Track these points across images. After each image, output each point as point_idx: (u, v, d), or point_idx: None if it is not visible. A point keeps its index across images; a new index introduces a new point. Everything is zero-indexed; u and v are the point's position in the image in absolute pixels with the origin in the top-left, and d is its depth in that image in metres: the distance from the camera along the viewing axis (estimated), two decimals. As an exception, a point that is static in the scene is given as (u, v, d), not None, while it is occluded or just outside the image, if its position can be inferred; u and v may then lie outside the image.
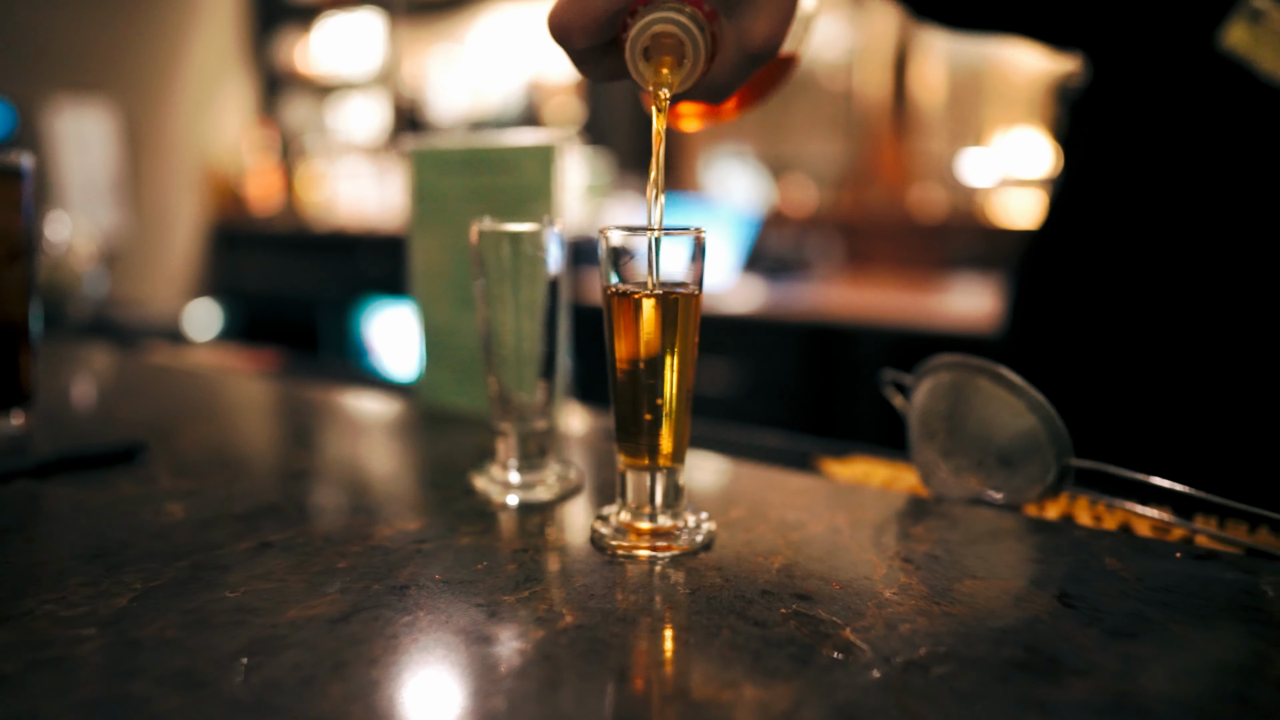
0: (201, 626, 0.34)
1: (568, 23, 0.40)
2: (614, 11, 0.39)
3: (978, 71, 2.92)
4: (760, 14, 0.40)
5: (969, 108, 2.98)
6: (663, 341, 0.41)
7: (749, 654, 0.33)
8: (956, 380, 0.49)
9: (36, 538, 0.44)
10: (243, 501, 0.48)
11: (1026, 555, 0.42)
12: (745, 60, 0.41)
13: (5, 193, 0.59)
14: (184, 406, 0.71)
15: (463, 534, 0.44)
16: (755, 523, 0.46)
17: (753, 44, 0.41)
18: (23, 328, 0.61)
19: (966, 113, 2.98)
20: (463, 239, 0.68)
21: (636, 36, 0.39)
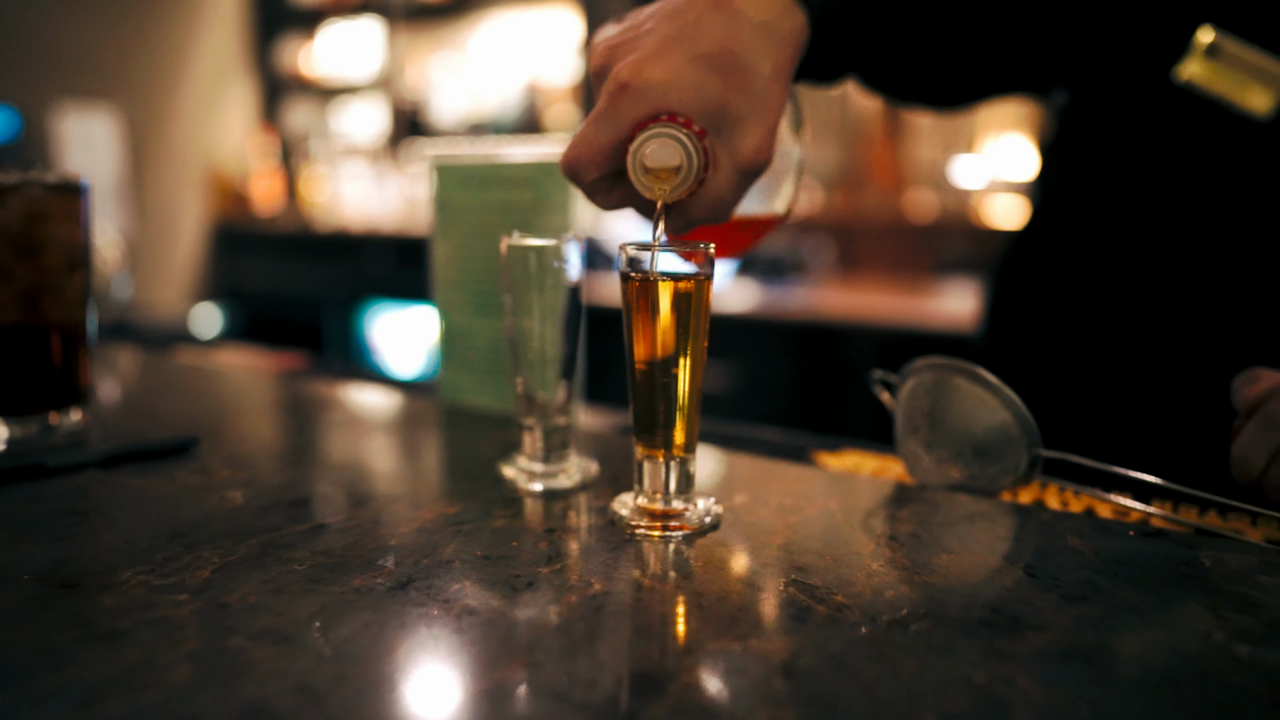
0: (278, 593, 0.40)
1: (576, 159, 0.47)
2: (616, 143, 0.46)
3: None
4: (747, 133, 0.47)
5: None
6: (676, 333, 0.46)
7: (753, 614, 0.38)
8: (937, 379, 0.54)
9: (117, 520, 0.49)
10: (294, 490, 0.54)
11: (998, 534, 0.48)
12: (739, 175, 0.48)
13: (67, 208, 0.64)
14: (224, 404, 0.76)
15: (497, 517, 0.49)
16: (757, 507, 0.51)
17: (743, 159, 0.47)
18: (81, 332, 0.66)
19: (958, 118, 3.03)
20: (482, 249, 0.74)
21: (637, 150, 0.46)
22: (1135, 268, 0.76)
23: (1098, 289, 0.79)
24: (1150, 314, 0.76)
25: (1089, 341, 0.80)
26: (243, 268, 4.12)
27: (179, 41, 3.92)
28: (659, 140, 0.45)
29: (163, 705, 0.31)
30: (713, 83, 0.46)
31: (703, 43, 0.46)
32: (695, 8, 0.48)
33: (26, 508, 0.50)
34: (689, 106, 0.46)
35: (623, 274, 0.47)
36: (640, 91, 0.45)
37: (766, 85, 0.48)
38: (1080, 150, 0.83)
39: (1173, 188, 0.74)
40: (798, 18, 0.50)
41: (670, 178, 0.46)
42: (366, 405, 0.77)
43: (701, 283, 0.46)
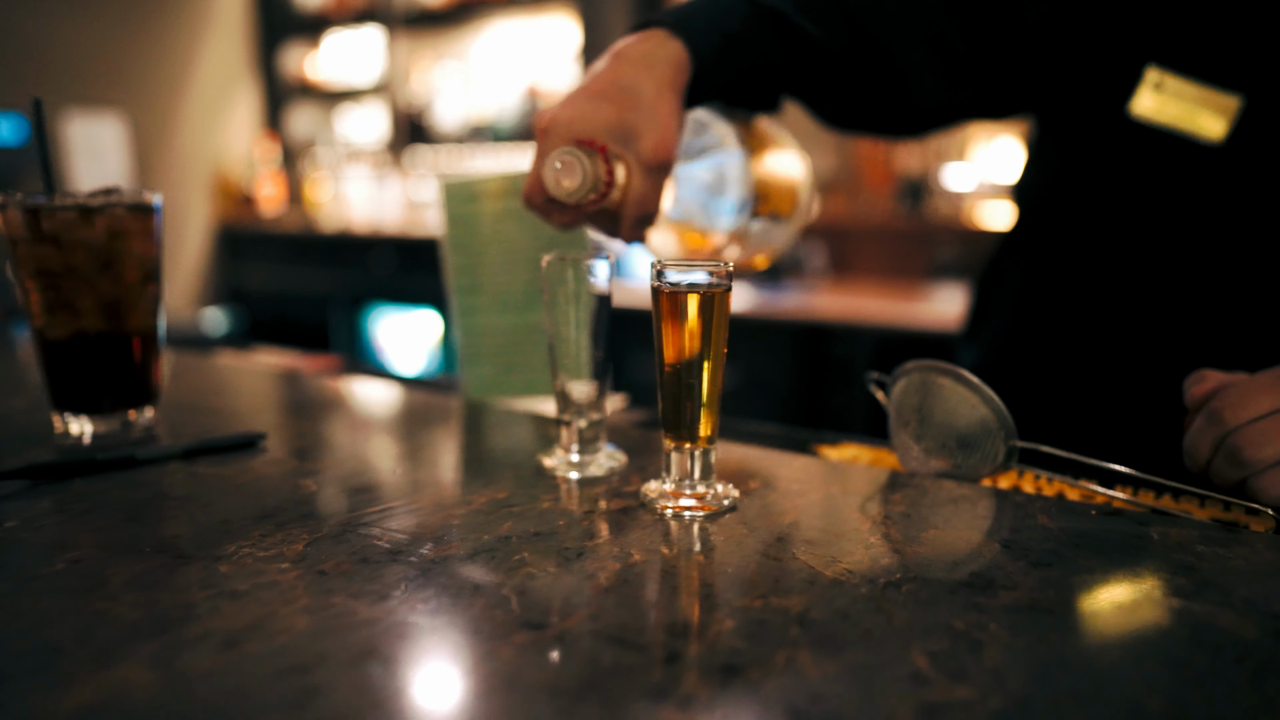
0: (366, 563, 0.47)
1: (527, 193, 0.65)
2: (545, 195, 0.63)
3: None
4: (644, 138, 0.62)
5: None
6: (700, 338, 0.54)
7: (771, 578, 0.45)
8: (925, 379, 0.61)
9: (211, 504, 0.56)
10: (359, 479, 0.61)
11: (978, 514, 0.55)
12: (649, 173, 0.62)
13: (142, 225, 0.71)
14: (276, 403, 0.83)
15: (542, 500, 0.57)
16: (768, 492, 0.58)
17: (646, 158, 0.62)
18: (154, 338, 0.73)
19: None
20: (498, 255, 0.81)
21: (545, 170, 0.60)
22: (1101, 277, 0.84)
23: (1067, 295, 0.87)
24: (1114, 318, 0.83)
25: (1061, 340, 0.88)
26: (247, 271, 4.18)
27: (184, 48, 3.98)
28: (558, 156, 0.59)
29: (292, 645, 0.38)
30: (606, 108, 0.61)
31: (596, 84, 0.62)
32: (595, 65, 0.64)
33: (128, 493, 0.57)
34: (594, 131, 0.61)
35: (653, 287, 0.54)
36: (554, 129, 0.62)
37: (653, 100, 0.62)
38: (1051, 169, 0.91)
39: (1135, 207, 0.82)
40: (672, 47, 0.65)
41: (574, 180, 0.59)
42: (401, 402, 0.84)
43: (722, 294, 0.54)
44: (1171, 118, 0.75)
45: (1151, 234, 0.81)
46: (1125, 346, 0.84)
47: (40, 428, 0.73)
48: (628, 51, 0.64)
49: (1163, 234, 0.81)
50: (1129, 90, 0.76)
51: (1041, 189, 0.92)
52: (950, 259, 3.03)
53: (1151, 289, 0.82)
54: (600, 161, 0.60)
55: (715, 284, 0.54)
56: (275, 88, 4.34)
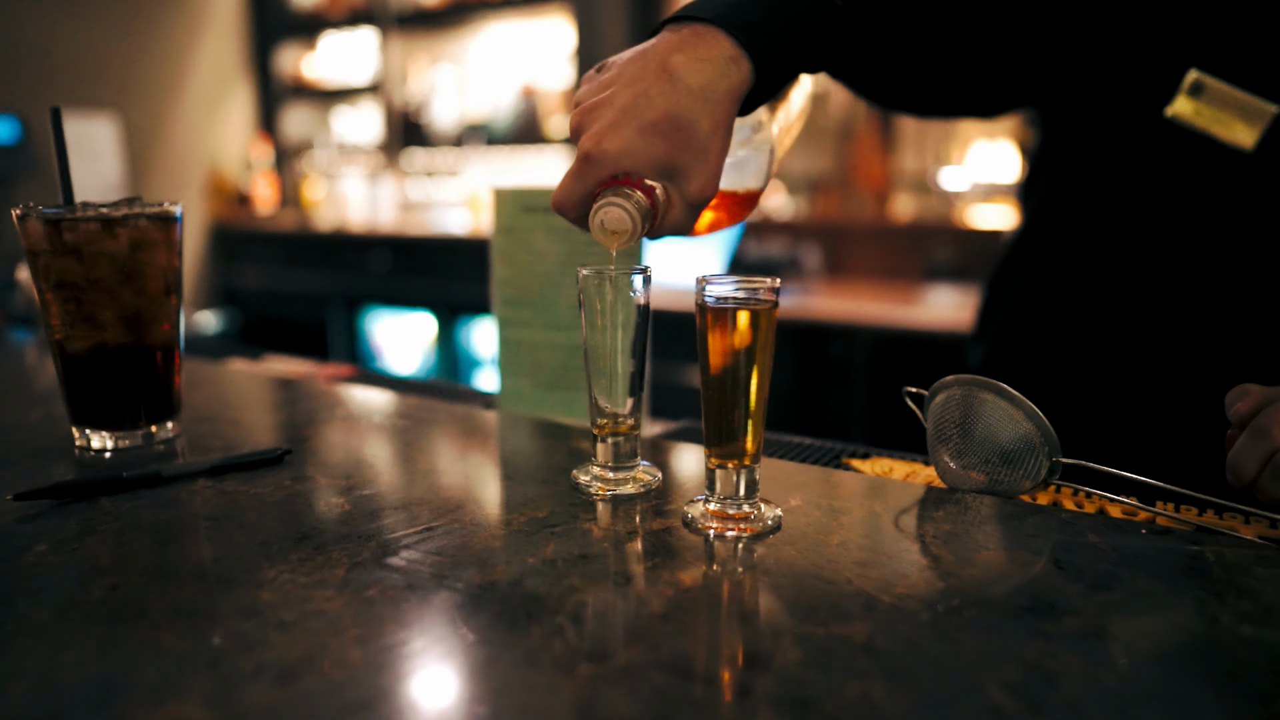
0: (413, 589, 0.46)
1: (559, 205, 0.60)
2: (586, 196, 0.58)
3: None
4: (692, 180, 0.59)
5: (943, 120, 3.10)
6: (745, 355, 0.53)
7: (829, 603, 0.44)
8: (967, 394, 0.61)
9: (244, 524, 0.55)
10: (393, 496, 0.60)
11: (1026, 533, 0.54)
12: (689, 209, 0.60)
13: (164, 235, 0.70)
14: (298, 414, 0.82)
15: (583, 520, 0.56)
16: (811, 510, 0.58)
17: (691, 197, 0.59)
18: (176, 350, 0.72)
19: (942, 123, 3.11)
20: (545, 269, 0.80)
21: (594, 215, 0.57)
22: (1117, 281, 0.84)
23: (1083, 304, 0.87)
24: (1129, 321, 0.83)
25: (1077, 350, 0.87)
26: (242, 272, 4.16)
27: (179, 48, 3.95)
28: (610, 209, 0.56)
29: (350, 681, 0.37)
30: (658, 145, 0.57)
31: (649, 113, 0.57)
32: (645, 78, 0.58)
33: (158, 513, 0.56)
34: (640, 167, 0.57)
35: (698, 303, 0.54)
36: (599, 161, 0.57)
37: (706, 139, 0.59)
38: (1062, 171, 0.90)
39: (1156, 210, 0.81)
40: (735, 75, 0.60)
41: (623, 234, 0.57)
42: (431, 415, 0.83)
43: (769, 310, 0.53)
44: (1207, 122, 0.74)
45: (1171, 238, 0.81)
46: (1139, 351, 0.83)
47: (60, 442, 0.71)
48: (686, 73, 0.58)
49: (1183, 238, 0.80)
50: (1167, 91, 0.76)
51: (1054, 190, 0.92)
52: (946, 260, 3.03)
53: (1168, 294, 0.81)
54: (648, 208, 0.57)
55: (763, 300, 0.53)
56: (270, 88, 4.31)
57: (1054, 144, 0.93)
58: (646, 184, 0.57)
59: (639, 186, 0.57)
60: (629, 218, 0.56)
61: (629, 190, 0.57)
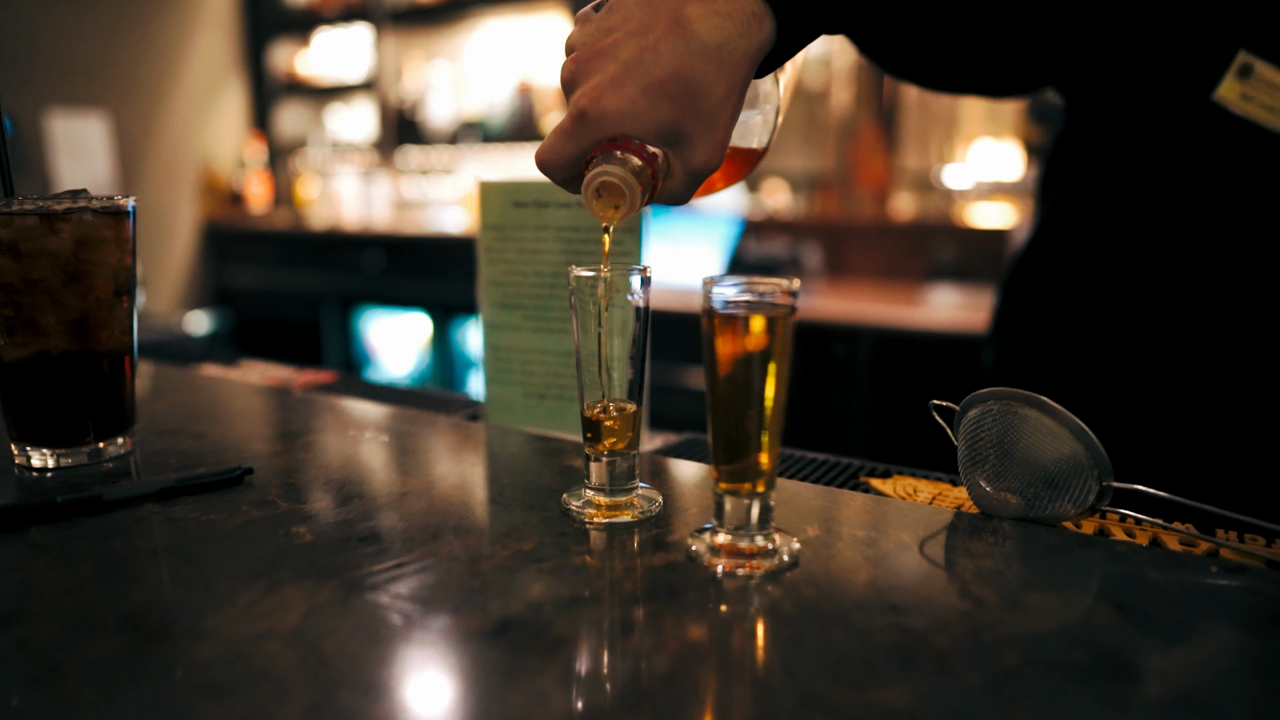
0: (376, 642, 0.39)
1: (545, 164, 0.52)
2: (577, 158, 0.51)
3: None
4: (697, 149, 0.52)
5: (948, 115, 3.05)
6: (758, 369, 0.46)
7: (861, 660, 0.38)
8: (1005, 410, 0.54)
9: (191, 559, 0.48)
10: (361, 523, 0.53)
11: (1079, 568, 0.48)
12: (691, 179, 0.53)
13: (114, 232, 0.63)
14: (266, 427, 0.76)
15: (574, 554, 0.49)
16: (832, 540, 0.51)
17: (694, 168, 0.52)
18: (129, 358, 0.66)
19: (945, 120, 3.05)
20: (537, 270, 0.74)
21: (588, 184, 0.50)
22: (1148, 282, 0.77)
23: (1108, 303, 0.80)
24: (1169, 330, 0.76)
25: (1100, 355, 0.81)
26: (235, 272, 4.09)
27: (171, 45, 3.88)
28: (608, 177, 0.49)
29: (290, 767, 0.31)
30: (664, 110, 0.50)
31: (657, 70, 0.50)
32: (655, 29, 0.51)
33: (96, 545, 0.50)
34: (641, 132, 0.50)
35: (706, 310, 0.47)
36: (596, 120, 0.50)
37: (718, 105, 0.51)
38: (1087, 163, 0.84)
39: (1192, 205, 0.75)
40: (756, 35, 0.52)
41: (619, 205, 0.51)
42: (411, 428, 0.77)
43: (786, 317, 0.46)
44: (1254, 108, 0.68)
45: (1211, 234, 0.74)
46: (1174, 358, 0.77)
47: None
48: (703, 28, 0.51)
49: (1224, 234, 0.74)
50: (1212, 74, 0.69)
51: (1077, 184, 0.85)
52: (948, 259, 2.97)
53: (1207, 296, 0.75)
54: (649, 178, 0.51)
55: (778, 305, 0.46)
56: (263, 85, 4.25)
57: (1077, 133, 0.86)
58: (648, 151, 0.50)
59: (639, 153, 0.50)
60: (627, 188, 0.50)
61: (627, 156, 0.50)
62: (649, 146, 0.51)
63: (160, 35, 3.84)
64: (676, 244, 3.03)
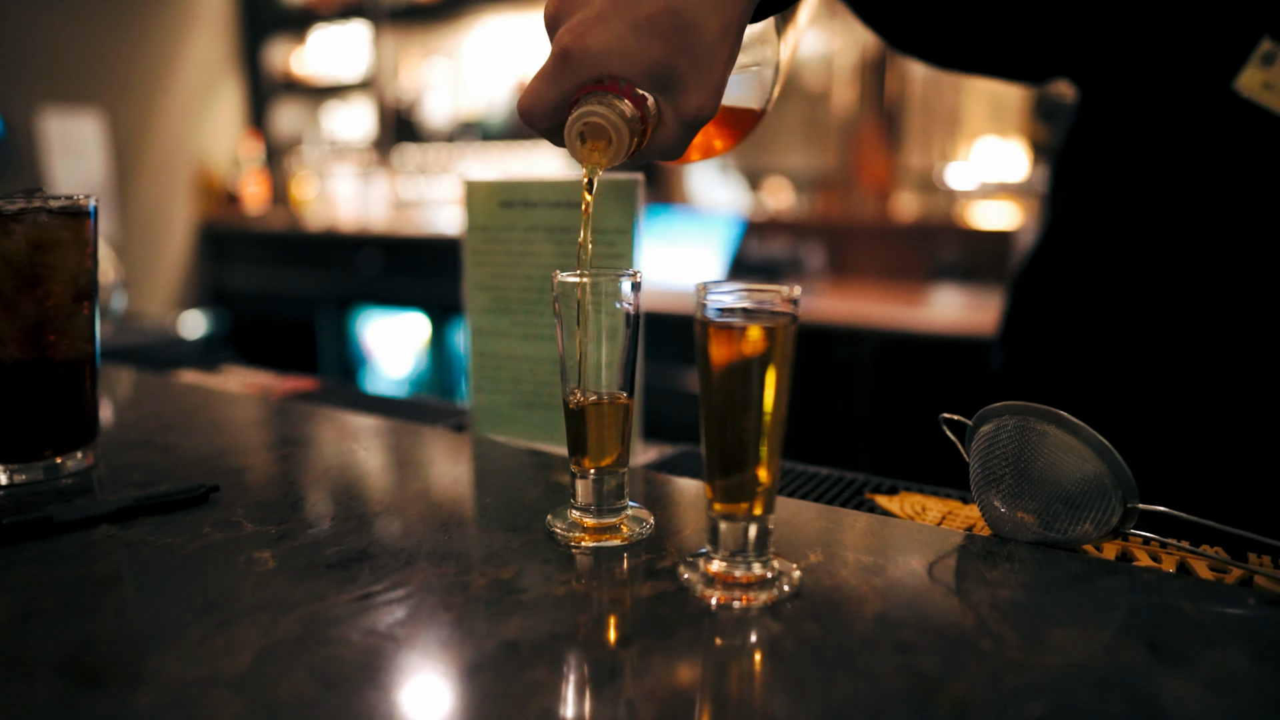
0: (332, 688, 0.36)
1: (527, 110, 0.49)
2: (561, 102, 0.48)
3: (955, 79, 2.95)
4: (690, 93, 0.48)
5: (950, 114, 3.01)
6: (756, 383, 0.43)
7: (870, 710, 0.34)
8: (1022, 425, 0.50)
9: (143, 588, 0.44)
10: (330, 547, 0.49)
11: (1104, 600, 0.44)
12: (684, 128, 0.49)
13: (75, 234, 0.59)
14: (238, 438, 0.72)
15: (556, 583, 0.45)
16: (835, 567, 0.47)
17: (686, 116, 0.48)
18: (90, 367, 0.62)
19: (946, 120, 3.01)
20: (526, 273, 0.70)
21: (571, 125, 0.47)
22: (1167, 282, 0.73)
23: (1124, 305, 0.76)
24: (1185, 331, 0.73)
25: (1116, 360, 0.77)
26: (231, 272, 4.06)
27: (166, 44, 3.85)
28: (591, 120, 0.46)
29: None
30: (654, 47, 0.46)
31: (646, 5, 0.46)
32: None
33: (38, 573, 0.46)
34: (630, 71, 0.46)
35: (699, 320, 0.43)
36: (580, 59, 0.46)
37: (713, 43, 0.47)
38: (1101, 158, 0.80)
39: (1212, 200, 0.71)
40: None
41: (603, 152, 0.47)
42: (392, 440, 0.73)
43: (787, 327, 0.43)
44: (1277, 98, 0.64)
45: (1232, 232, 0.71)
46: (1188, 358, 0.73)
47: (-49, 475, 0.61)
48: None
49: (1246, 232, 0.70)
50: (1234, 62, 0.66)
51: (1090, 181, 0.81)
52: (952, 260, 2.93)
53: (1229, 300, 0.71)
54: (637, 122, 0.47)
55: (778, 313, 0.43)
56: (259, 84, 4.21)
57: (1090, 127, 0.82)
58: (636, 93, 0.47)
59: (627, 94, 0.46)
60: (612, 130, 0.46)
61: (614, 98, 0.46)
62: (638, 89, 0.47)
63: (155, 33, 3.80)
64: (676, 245, 3.00)
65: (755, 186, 3.27)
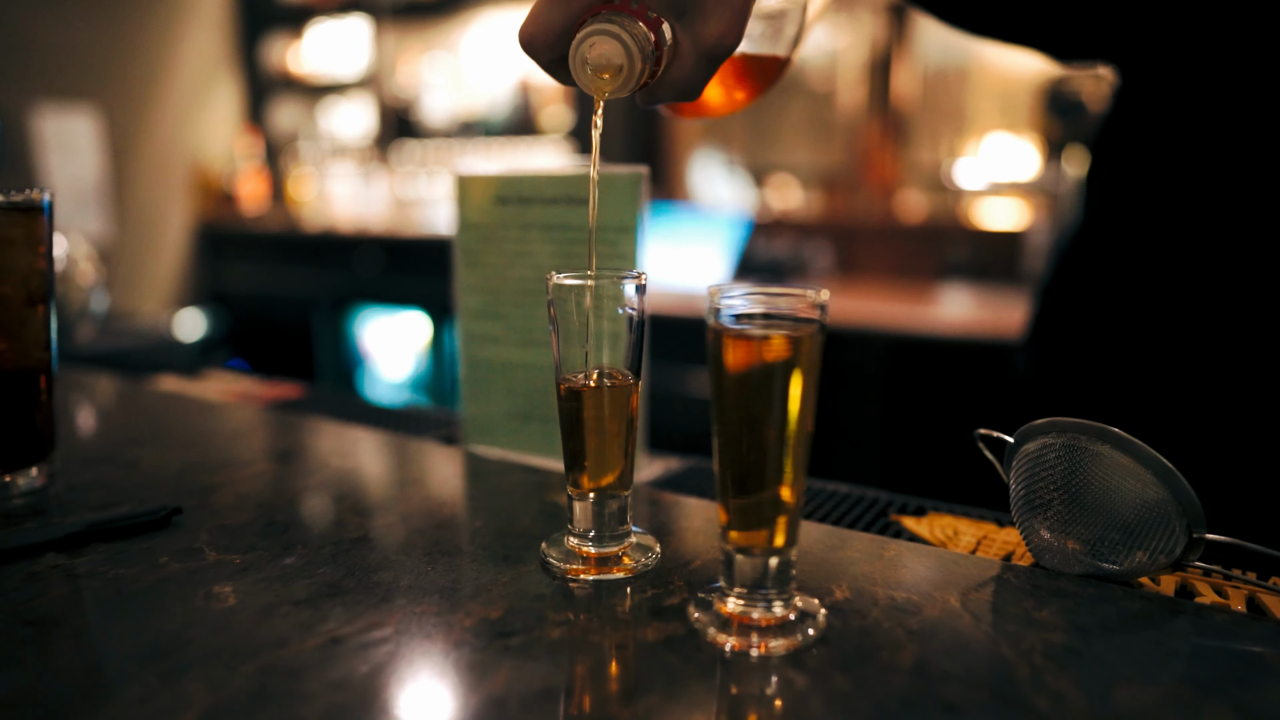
0: (287, 757, 0.30)
1: (530, 38, 0.44)
2: (568, 26, 0.43)
3: (964, 75, 2.90)
4: (710, 17, 0.42)
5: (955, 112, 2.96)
6: (777, 401, 0.37)
7: (916, 792, 0.29)
8: (1072, 444, 0.45)
9: (82, 631, 0.39)
10: (300, 580, 0.44)
11: (1173, 647, 0.39)
12: (703, 61, 0.43)
13: (27, 232, 0.54)
14: (211, 453, 0.67)
15: (550, 624, 0.40)
16: (865, 605, 0.42)
17: (706, 45, 0.43)
18: (45, 376, 0.57)
19: (953, 117, 2.96)
20: (522, 274, 0.65)
21: (577, 45, 0.42)
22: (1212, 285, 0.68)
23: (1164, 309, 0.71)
24: (1231, 338, 0.67)
25: (1154, 368, 0.71)
26: (228, 271, 4.01)
27: (162, 40, 3.80)
28: (601, 38, 0.41)
29: None
30: None
31: None
32: None
33: (-33, 613, 0.41)
34: None
35: (712, 329, 0.38)
36: None
37: None
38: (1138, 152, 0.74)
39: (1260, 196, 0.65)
40: None
41: (613, 77, 0.42)
42: (376, 454, 0.68)
43: (813, 337, 0.37)
44: None
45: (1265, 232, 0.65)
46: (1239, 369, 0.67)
47: (-107, 495, 0.56)
48: None
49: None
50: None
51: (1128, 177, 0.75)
52: (961, 259, 2.87)
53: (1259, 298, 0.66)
54: (650, 48, 0.42)
55: (803, 321, 0.37)
56: (257, 81, 4.16)
57: (1129, 118, 0.76)
58: (651, 15, 0.42)
59: (640, 16, 0.42)
60: (624, 50, 0.41)
61: (625, 17, 0.41)
62: (652, 11, 0.42)
63: (151, 28, 3.75)
64: (679, 244, 2.94)
65: (760, 183, 3.22)
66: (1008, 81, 2.83)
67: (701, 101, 0.52)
